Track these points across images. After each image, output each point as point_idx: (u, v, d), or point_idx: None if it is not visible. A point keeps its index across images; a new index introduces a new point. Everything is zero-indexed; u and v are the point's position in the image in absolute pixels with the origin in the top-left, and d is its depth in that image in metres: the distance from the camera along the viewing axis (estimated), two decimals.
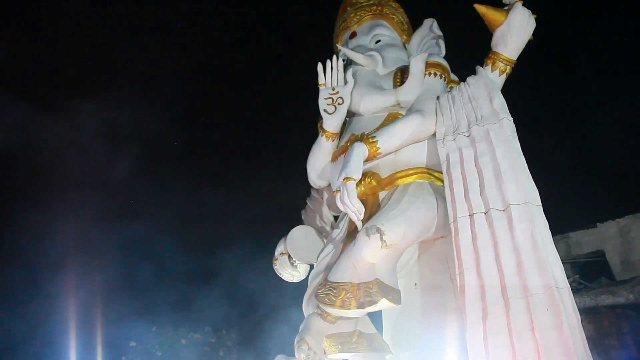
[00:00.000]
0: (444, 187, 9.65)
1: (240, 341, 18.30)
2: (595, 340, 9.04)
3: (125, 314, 18.76)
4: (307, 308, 9.68)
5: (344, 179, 9.43)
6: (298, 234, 11.51)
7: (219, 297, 17.08)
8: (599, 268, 15.20)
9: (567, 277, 8.72)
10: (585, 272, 14.89)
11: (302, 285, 11.42)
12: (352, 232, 10.13)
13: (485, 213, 9.24)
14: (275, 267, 11.90)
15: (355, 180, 9.31)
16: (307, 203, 12.57)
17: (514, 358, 7.64)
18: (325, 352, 9.11)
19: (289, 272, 11.55)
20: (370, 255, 8.95)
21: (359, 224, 9.46)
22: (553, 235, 9.22)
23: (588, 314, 10.11)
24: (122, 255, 22.94)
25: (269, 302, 14.65)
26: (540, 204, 9.06)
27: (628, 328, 12.54)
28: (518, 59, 9.19)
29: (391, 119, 10.13)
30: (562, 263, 8.84)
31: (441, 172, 9.83)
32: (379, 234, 8.72)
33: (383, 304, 8.83)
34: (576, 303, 8.54)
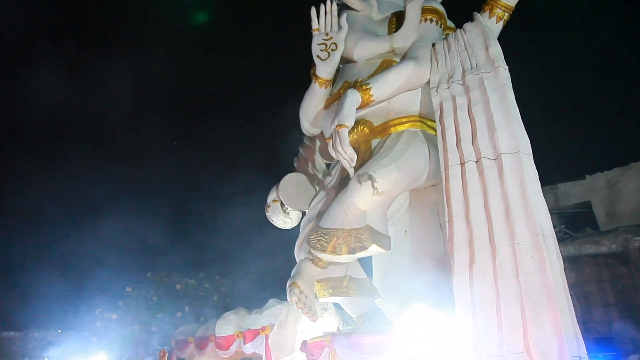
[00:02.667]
0: (436, 135, 9.69)
1: (234, 286, 18.79)
2: (576, 287, 9.37)
3: (120, 260, 19.13)
4: (299, 253, 9.89)
5: (336, 126, 9.40)
6: (290, 181, 11.59)
7: (213, 244, 17.40)
8: (584, 219, 15.54)
9: (554, 227, 8.92)
10: (571, 223, 15.23)
11: (294, 232, 11.63)
12: (344, 180, 10.21)
13: (476, 162, 9.31)
14: (267, 214, 12.05)
15: (347, 127, 9.28)
16: (299, 151, 12.58)
17: (497, 302, 7.94)
18: (316, 296, 9.40)
19: (281, 219, 11.72)
20: (361, 202, 9.07)
21: (351, 172, 9.51)
22: (542, 186, 9.36)
23: (571, 262, 10.44)
24: (120, 203, 23.11)
25: (262, 249, 14.96)
26: (531, 153, 9.13)
27: (608, 276, 13.00)
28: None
29: (385, 65, 9.99)
30: (550, 213, 9.06)
31: (434, 121, 9.82)
32: (370, 181, 8.80)
33: (373, 250, 9.04)
34: (560, 252, 8.83)
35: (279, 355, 10.85)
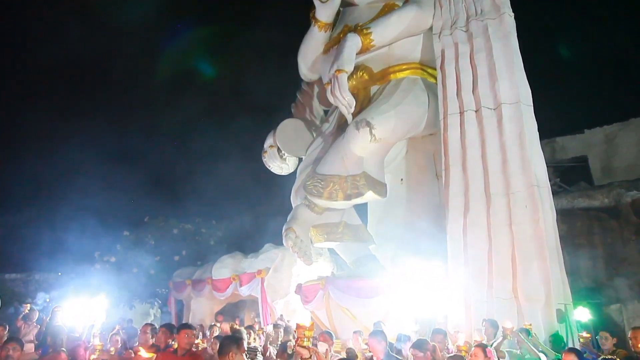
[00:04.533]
0: (436, 83, 9.55)
1: (230, 231, 18.99)
2: (567, 239, 9.52)
3: (118, 205, 19.21)
4: (295, 199, 9.96)
5: (335, 71, 9.23)
6: (287, 126, 11.51)
7: (209, 190, 17.41)
8: (580, 173, 15.54)
9: (549, 180, 8.99)
10: (567, 177, 15.23)
11: (290, 177, 11.65)
12: (341, 126, 10.15)
13: (475, 111, 9.24)
14: (264, 160, 12.05)
15: (347, 72, 9.12)
16: (297, 96, 12.42)
17: (489, 250, 8.10)
18: (311, 241, 9.54)
19: (278, 164, 11.73)
20: (359, 149, 9.06)
21: (349, 118, 9.44)
22: (540, 139, 9.33)
23: (563, 215, 10.52)
24: (118, 149, 22.99)
25: (258, 195, 15.02)
26: (532, 104, 9.04)
27: (598, 229, 13.21)
28: None
29: (387, 10, 9.69)
30: (546, 166, 9.09)
31: (435, 69, 9.64)
32: (368, 128, 8.74)
33: (369, 196, 9.11)
34: (554, 205, 8.93)
35: (274, 297, 11.15)
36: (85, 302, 12.81)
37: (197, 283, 14.51)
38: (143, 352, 5.26)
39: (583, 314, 7.54)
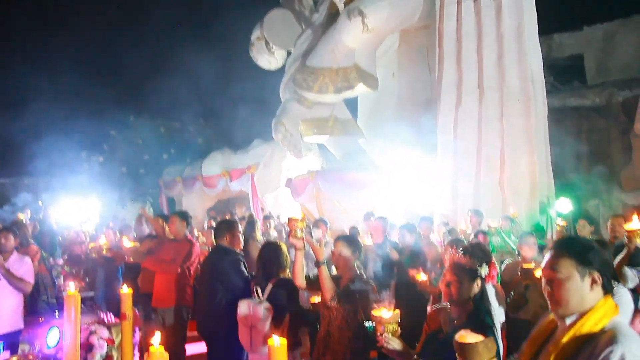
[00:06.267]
0: None
1: (218, 128, 18.78)
2: (554, 137, 9.58)
3: (103, 104, 18.68)
4: (284, 93, 9.73)
5: None
6: (275, 18, 10.90)
7: (195, 88, 16.90)
8: (574, 72, 15.24)
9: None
10: (561, 75, 14.94)
11: (279, 72, 11.27)
12: (332, 16, 9.65)
13: (474, 1, 8.79)
14: (251, 54, 11.57)
15: None
16: None
17: (479, 143, 8.11)
18: (301, 135, 9.48)
19: (266, 58, 11.28)
20: (350, 39, 8.68)
21: (340, 6, 8.94)
22: (538, 35, 9.00)
23: (554, 114, 10.46)
24: (102, 46, 21.91)
25: (245, 90, 14.63)
26: None
27: (586, 127, 13.29)
28: None
29: None
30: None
31: None
32: (361, 17, 8.31)
33: (360, 89, 8.92)
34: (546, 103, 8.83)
35: (264, 192, 11.32)
36: (76, 203, 12.95)
37: (188, 180, 14.65)
38: (126, 241, 5.39)
39: (564, 206, 7.78)
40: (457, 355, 1.42)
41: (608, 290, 1.57)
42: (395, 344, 2.05)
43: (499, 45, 8.32)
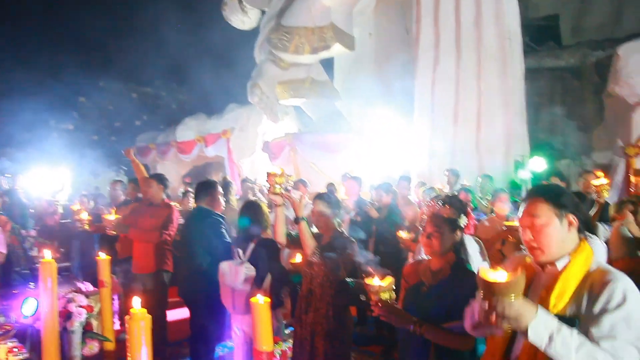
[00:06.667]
0: None
1: (191, 94, 18.26)
2: (529, 97, 9.64)
3: (70, 70, 17.86)
4: (259, 55, 9.49)
5: None
6: None
7: (168, 51, 16.29)
8: (549, 32, 15.24)
9: None
10: (536, 36, 14.94)
11: (253, 32, 10.94)
12: None
13: None
14: (224, 13, 11.17)
15: None
16: None
17: (456, 103, 8.11)
18: (277, 98, 9.33)
19: (239, 18, 10.90)
20: None
21: None
22: None
23: (529, 74, 10.51)
24: (67, 6, 20.81)
25: (219, 53, 14.17)
26: None
27: (560, 88, 13.42)
28: None
29: None
30: None
31: None
32: None
33: (336, 49, 8.74)
34: None
35: (240, 156, 11.19)
36: (47, 173, 12.57)
37: (162, 146, 14.35)
38: (110, 215, 5.23)
39: (538, 164, 7.90)
40: (483, 295, 1.34)
41: (582, 232, 1.60)
42: (393, 311, 2.06)
43: (476, 5, 8.21)
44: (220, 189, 4.26)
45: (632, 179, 3.16)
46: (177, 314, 5.68)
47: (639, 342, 1.37)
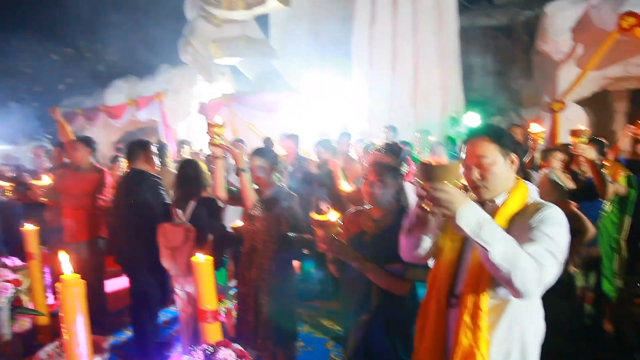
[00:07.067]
0: None
1: (119, 54, 17.13)
2: (463, 56, 9.88)
3: None
4: (190, 11, 9.01)
5: None
6: None
7: (91, 7, 15.02)
8: None
9: None
10: None
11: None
12: None
13: None
14: None
15: None
16: None
17: (393, 59, 8.14)
18: (212, 57, 8.96)
19: None
20: None
21: None
22: None
23: (463, 33, 10.73)
24: None
25: (147, 10, 13.24)
26: None
27: (492, 47, 13.79)
28: None
29: None
30: None
31: None
32: None
33: (272, 5, 8.43)
34: None
35: (175, 120, 10.73)
36: None
37: (90, 112, 13.49)
38: (44, 179, 4.84)
39: (472, 120, 8.16)
40: (421, 180, 1.38)
41: (520, 170, 1.66)
42: (340, 247, 2.04)
43: None
44: (154, 149, 4.04)
45: (571, 139, 3.31)
46: (116, 283, 5.49)
47: (560, 255, 1.45)
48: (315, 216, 2.00)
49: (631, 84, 9.90)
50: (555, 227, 1.48)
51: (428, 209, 1.37)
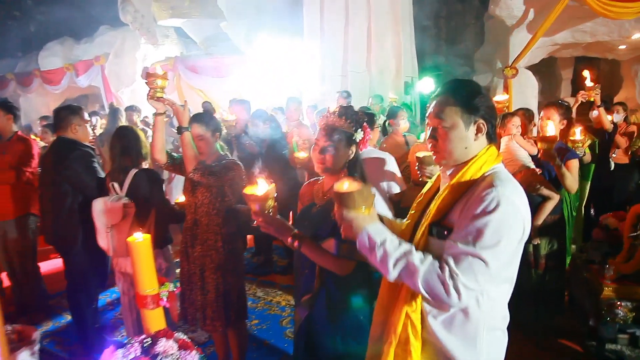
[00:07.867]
0: None
1: (53, 13, 15.67)
2: (415, 21, 9.73)
3: None
4: None
5: None
6: None
7: None
8: None
9: None
10: None
11: None
12: None
13: None
14: None
15: None
16: None
17: (346, 25, 7.84)
18: (155, 19, 8.37)
19: None
20: None
21: None
22: None
23: None
24: None
25: None
26: None
27: (445, 13, 13.76)
28: None
29: None
30: None
31: None
32: None
33: None
34: None
35: (118, 86, 10.07)
36: None
37: (23, 77, 12.50)
38: None
39: (427, 86, 8.06)
40: (336, 206, 1.41)
41: (493, 139, 1.46)
42: (272, 221, 1.81)
43: None
44: (85, 115, 3.65)
45: (538, 144, 3.18)
46: (50, 265, 5.15)
47: (494, 269, 1.27)
48: (246, 190, 1.78)
49: (577, 51, 10.07)
50: (493, 215, 1.26)
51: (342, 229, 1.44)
